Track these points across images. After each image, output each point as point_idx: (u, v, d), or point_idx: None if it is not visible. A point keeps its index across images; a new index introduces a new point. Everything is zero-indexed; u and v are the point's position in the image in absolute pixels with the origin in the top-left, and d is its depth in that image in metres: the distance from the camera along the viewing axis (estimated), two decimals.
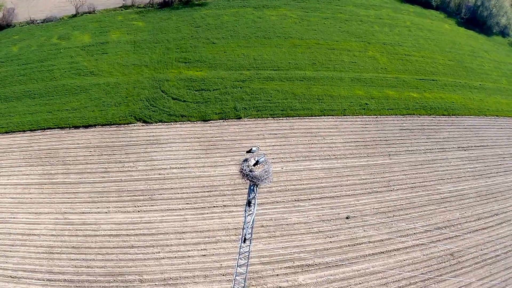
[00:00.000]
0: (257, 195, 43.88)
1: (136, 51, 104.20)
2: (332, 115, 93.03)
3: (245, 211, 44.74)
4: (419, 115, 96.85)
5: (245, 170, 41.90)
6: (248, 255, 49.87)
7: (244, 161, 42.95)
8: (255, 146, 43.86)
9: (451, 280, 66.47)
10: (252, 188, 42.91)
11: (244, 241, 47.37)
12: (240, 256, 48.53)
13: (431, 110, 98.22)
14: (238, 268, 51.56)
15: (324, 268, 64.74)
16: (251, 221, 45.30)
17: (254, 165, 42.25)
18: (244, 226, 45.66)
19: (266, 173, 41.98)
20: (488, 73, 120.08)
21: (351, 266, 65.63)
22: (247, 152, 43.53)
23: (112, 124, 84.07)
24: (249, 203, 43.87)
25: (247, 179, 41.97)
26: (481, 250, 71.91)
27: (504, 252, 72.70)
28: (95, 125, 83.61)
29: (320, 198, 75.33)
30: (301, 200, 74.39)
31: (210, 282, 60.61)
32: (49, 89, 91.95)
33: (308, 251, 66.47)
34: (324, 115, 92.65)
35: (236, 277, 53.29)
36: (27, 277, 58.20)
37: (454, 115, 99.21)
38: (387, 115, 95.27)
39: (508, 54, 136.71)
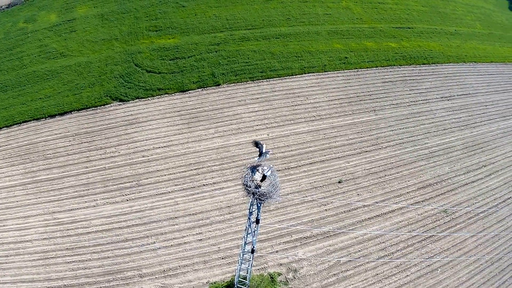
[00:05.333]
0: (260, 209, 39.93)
1: (104, 24, 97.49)
2: (313, 72, 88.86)
3: (249, 226, 40.81)
4: (400, 65, 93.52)
5: (250, 187, 37.15)
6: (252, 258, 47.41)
7: (248, 171, 38.00)
8: (261, 143, 38.64)
9: (447, 238, 65.48)
10: (259, 205, 38.57)
11: (252, 252, 44.39)
12: (242, 260, 45.68)
13: (411, 59, 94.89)
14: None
15: (323, 239, 62.90)
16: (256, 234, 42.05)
17: (262, 180, 37.51)
18: (251, 239, 42.41)
19: (274, 188, 37.38)
20: (462, 18, 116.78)
21: (349, 234, 63.93)
22: (254, 145, 38.78)
23: (88, 108, 78.68)
24: (257, 221, 39.92)
25: (254, 197, 37.18)
26: (473, 204, 70.94)
27: (495, 204, 71.87)
28: (71, 111, 78.13)
29: (310, 163, 72.60)
30: (291, 168, 71.59)
31: (210, 268, 58.33)
32: (21, 79, 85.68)
33: (305, 223, 64.34)
34: (305, 73, 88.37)
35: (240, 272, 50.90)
36: None
37: (434, 63, 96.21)
38: (368, 67, 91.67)
39: None
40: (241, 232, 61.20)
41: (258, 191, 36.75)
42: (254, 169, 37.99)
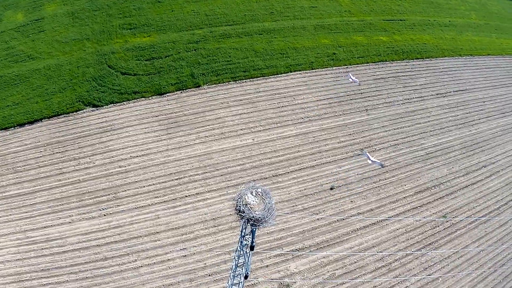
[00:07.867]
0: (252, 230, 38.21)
1: (75, 23, 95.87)
2: (299, 70, 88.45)
3: (241, 249, 39.34)
4: (392, 60, 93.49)
5: (243, 211, 34.99)
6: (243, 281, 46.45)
7: (240, 194, 35.78)
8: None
9: (448, 245, 65.33)
10: (254, 231, 36.81)
11: (246, 278, 43.20)
12: (232, 283, 44.63)
13: (403, 54, 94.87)
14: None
15: (316, 251, 62.24)
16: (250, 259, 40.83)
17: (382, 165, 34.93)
18: (245, 263, 41.15)
19: (269, 211, 35.52)
20: (456, 8, 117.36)
21: (344, 244, 63.43)
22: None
23: (59, 115, 77.05)
24: (252, 248, 38.45)
25: (249, 223, 35.31)
26: (474, 208, 70.94)
27: (496, 207, 71.93)
28: (41, 119, 76.48)
29: (300, 169, 71.94)
30: (279, 174, 70.88)
31: (196, 286, 57.28)
32: None
33: (296, 234, 63.67)
34: (291, 71, 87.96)
35: None
36: None
37: (428, 58, 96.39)
38: (358, 64, 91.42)
39: None
40: (229, 246, 60.45)
41: (253, 215, 34.61)
42: (247, 191, 35.77)
